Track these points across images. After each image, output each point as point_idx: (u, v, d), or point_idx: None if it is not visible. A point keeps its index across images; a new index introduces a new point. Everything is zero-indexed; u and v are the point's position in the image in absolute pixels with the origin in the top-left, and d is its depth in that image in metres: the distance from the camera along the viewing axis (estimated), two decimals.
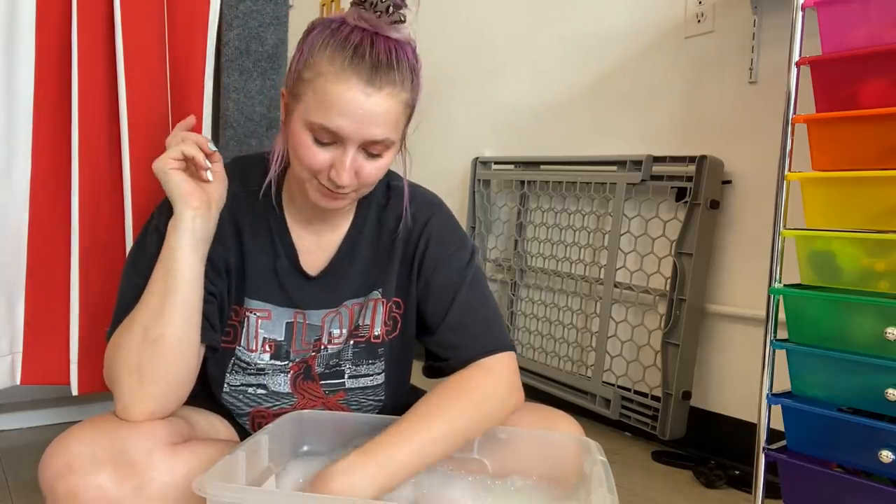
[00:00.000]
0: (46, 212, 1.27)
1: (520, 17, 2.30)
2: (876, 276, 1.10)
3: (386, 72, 0.83)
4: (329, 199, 0.88)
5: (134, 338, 0.84)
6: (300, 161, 0.86)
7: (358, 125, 0.82)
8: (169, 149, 0.90)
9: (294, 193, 0.96)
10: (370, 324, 1.00)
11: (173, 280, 0.85)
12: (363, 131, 0.83)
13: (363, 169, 0.86)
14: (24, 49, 1.22)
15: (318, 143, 0.84)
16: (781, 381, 1.23)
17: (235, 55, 1.56)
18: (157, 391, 0.84)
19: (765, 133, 1.61)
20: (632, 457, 1.74)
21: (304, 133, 0.84)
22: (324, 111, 0.82)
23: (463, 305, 0.97)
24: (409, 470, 0.82)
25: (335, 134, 0.83)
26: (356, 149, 0.84)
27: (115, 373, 0.86)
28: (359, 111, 0.82)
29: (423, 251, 0.99)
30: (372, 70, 0.82)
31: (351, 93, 0.82)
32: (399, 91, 0.85)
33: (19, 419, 1.71)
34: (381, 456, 0.80)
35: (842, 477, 1.14)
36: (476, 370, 0.93)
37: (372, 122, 0.83)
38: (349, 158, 0.84)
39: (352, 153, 0.84)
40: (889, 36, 1.07)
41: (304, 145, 0.85)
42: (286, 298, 0.97)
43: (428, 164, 2.65)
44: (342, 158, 0.84)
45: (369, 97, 0.82)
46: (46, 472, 0.79)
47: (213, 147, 0.90)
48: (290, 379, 0.98)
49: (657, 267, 1.80)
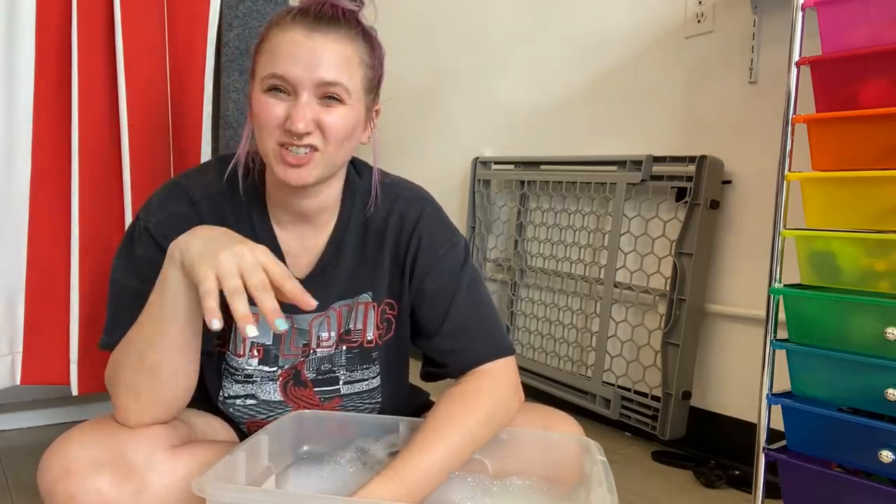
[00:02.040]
0: (46, 212, 1.27)
1: (520, 17, 2.30)
2: (876, 276, 1.10)
3: (329, 21, 0.85)
4: (293, 168, 0.85)
5: (130, 360, 0.84)
6: (260, 126, 0.85)
7: (304, 66, 0.83)
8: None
9: (271, 192, 0.94)
10: (362, 328, 0.98)
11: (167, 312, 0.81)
12: (311, 72, 0.83)
13: (323, 119, 0.84)
14: (24, 49, 1.22)
15: (273, 97, 0.84)
16: (781, 381, 1.22)
17: (235, 55, 1.56)
18: (154, 409, 0.85)
19: (765, 133, 1.61)
20: (632, 457, 1.74)
21: (260, 95, 0.85)
22: (272, 61, 0.84)
23: (460, 310, 0.95)
24: (431, 484, 0.83)
25: (283, 79, 0.83)
26: (309, 94, 0.84)
27: (113, 388, 0.86)
28: (303, 52, 0.83)
29: (415, 254, 0.97)
30: (315, 19, 0.85)
31: (294, 36, 0.84)
32: (345, 39, 0.86)
33: (19, 419, 1.71)
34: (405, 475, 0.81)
35: (842, 477, 1.14)
36: (482, 377, 0.93)
37: (317, 63, 0.83)
38: (302, 101, 0.83)
39: (305, 97, 0.84)
40: (889, 36, 1.07)
41: (260, 105, 0.85)
42: None
43: (428, 164, 2.65)
44: (296, 104, 0.83)
45: (311, 38, 0.84)
46: (45, 475, 0.79)
47: (283, 326, 0.75)
48: (280, 386, 0.97)
49: (657, 267, 1.80)
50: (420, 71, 2.67)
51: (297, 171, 0.85)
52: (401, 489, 0.79)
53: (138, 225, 0.92)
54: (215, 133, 1.55)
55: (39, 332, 1.28)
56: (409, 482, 0.80)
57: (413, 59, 2.69)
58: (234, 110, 1.57)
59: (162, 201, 0.93)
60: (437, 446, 0.84)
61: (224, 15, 1.51)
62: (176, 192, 0.93)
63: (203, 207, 0.92)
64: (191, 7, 1.38)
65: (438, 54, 2.63)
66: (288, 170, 0.85)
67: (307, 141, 0.84)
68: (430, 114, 2.66)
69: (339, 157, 0.88)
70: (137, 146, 1.30)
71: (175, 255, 0.79)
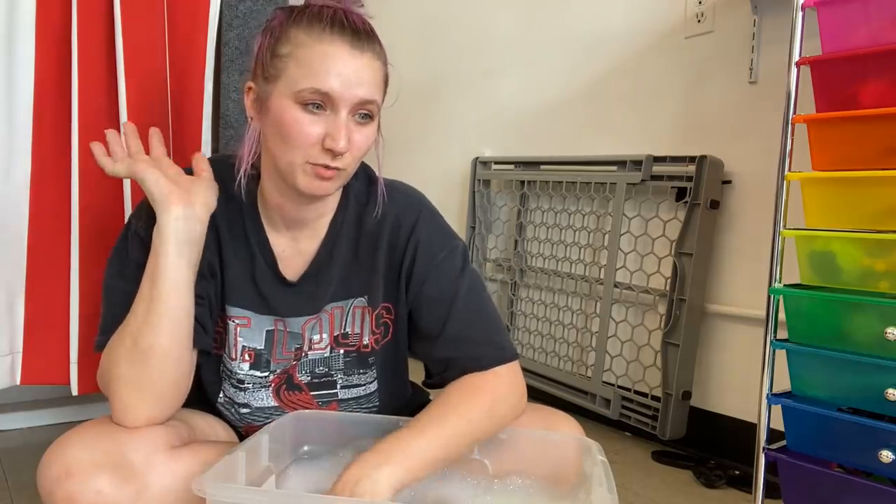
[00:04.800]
0: (46, 212, 1.27)
1: (520, 17, 2.30)
2: (876, 276, 1.10)
3: (367, 38, 0.85)
4: (323, 180, 0.85)
5: (124, 348, 0.84)
6: (291, 141, 0.83)
7: (349, 84, 0.82)
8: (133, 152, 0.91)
9: (269, 198, 0.93)
10: (359, 332, 0.97)
11: (159, 288, 0.83)
12: (354, 90, 0.82)
13: (354, 136, 0.84)
14: (24, 49, 1.22)
15: (309, 113, 0.82)
16: (781, 381, 1.22)
17: (235, 55, 1.56)
18: (151, 400, 0.84)
19: (765, 133, 1.61)
20: (632, 457, 1.74)
21: (292, 107, 0.82)
22: (313, 75, 0.81)
23: (461, 315, 0.93)
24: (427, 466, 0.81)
25: (327, 96, 0.82)
26: (347, 112, 0.83)
27: (108, 383, 0.85)
28: (348, 70, 0.82)
29: (412, 259, 0.95)
30: (353, 35, 0.83)
31: (339, 52, 0.82)
32: (378, 58, 0.86)
33: (19, 419, 1.71)
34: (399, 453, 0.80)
35: (842, 477, 1.14)
36: (488, 374, 0.91)
37: (360, 81, 0.82)
38: (343, 121, 0.82)
39: (344, 115, 0.83)
40: (889, 36, 1.07)
41: (294, 119, 0.82)
42: (265, 305, 0.94)
43: (428, 164, 2.65)
44: (336, 123, 0.82)
45: (355, 57, 0.83)
46: (44, 477, 0.79)
47: None
48: (273, 391, 0.97)
49: (657, 267, 1.80)
50: (420, 71, 2.66)
51: (323, 184, 0.85)
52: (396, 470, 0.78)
53: (129, 229, 0.92)
54: (215, 133, 1.55)
55: (39, 332, 1.28)
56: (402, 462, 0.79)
57: (413, 60, 2.68)
58: (234, 110, 1.57)
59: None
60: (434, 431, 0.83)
61: (224, 15, 1.51)
62: None
63: None
64: (191, 7, 1.38)
65: (439, 54, 2.63)
66: (315, 182, 0.85)
67: (341, 161, 0.84)
68: (430, 114, 2.66)
69: (355, 168, 0.89)
70: None
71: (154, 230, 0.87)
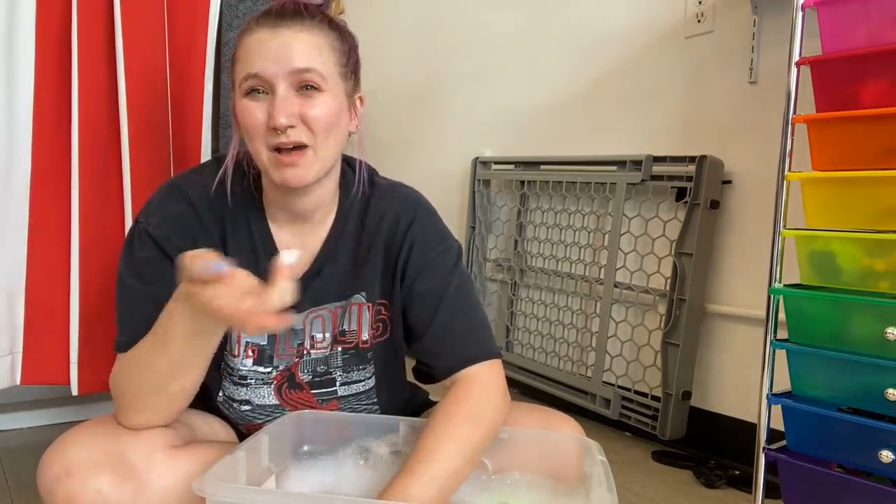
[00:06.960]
0: (46, 212, 1.27)
1: (520, 17, 2.30)
2: (876, 276, 1.10)
3: (291, 15, 0.87)
4: (288, 167, 0.85)
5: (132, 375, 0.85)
6: (247, 131, 0.86)
7: (275, 59, 0.84)
8: None
9: (267, 194, 0.95)
10: (357, 329, 0.98)
11: (168, 341, 0.81)
12: (283, 64, 0.84)
13: (303, 111, 0.85)
14: (24, 49, 1.22)
15: (253, 100, 0.85)
16: (781, 381, 1.22)
17: None
18: (155, 418, 0.86)
19: (765, 133, 1.61)
20: (632, 457, 1.74)
21: (240, 100, 0.87)
22: (246, 62, 0.85)
23: (448, 310, 0.95)
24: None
25: (258, 77, 0.84)
26: (286, 87, 0.85)
27: (118, 395, 0.86)
28: (273, 45, 0.85)
29: (407, 255, 0.96)
30: (277, 17, 0.86)
31: (261, 35, 0.86)
32: (311, 28, 0.87)
33: (19, 419, 1.71)
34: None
35: (842, 477, 1.14)
36: (470, 386, 0.91)
37: (287, 53, 0.84)
38: (280, 94, 0.84)
39: (282, 90, 0.84)
40: (889, 36, 1.07)
41: (242, 109, 0.86)
42: None
43: (428, 165, 2.65)
44: (273, 100, 0.84)
45: (277, 33, 0.85)
46: (44, 476, 0.79)
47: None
48: (275, 389, 0.97)
49: (657, 267, 1.80)
50: (420, 71, 2.66)
51: (294, 171, 0.86)
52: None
53: (138, 227, 0.92)
54: (215, 133, 1.55)
55: (39, 332, 1.28)
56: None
57: (413, 60, 2.68)
58: None
59: (160, 203, 0.93)
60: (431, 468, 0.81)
61: (224, 15, 1.51)
62: (174, 194, 0.94)
63: (201, 208, 0.93)
64: (191, 7, 1.38)
65: (438, 55, 2.63)
66: (286, 171, 0.85)
67: (294, 137, 0.85)
68: (430, 114, 2.66)
69: (330, 150, 0.89)
70: (137, 146, 1.30)
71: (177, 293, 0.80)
